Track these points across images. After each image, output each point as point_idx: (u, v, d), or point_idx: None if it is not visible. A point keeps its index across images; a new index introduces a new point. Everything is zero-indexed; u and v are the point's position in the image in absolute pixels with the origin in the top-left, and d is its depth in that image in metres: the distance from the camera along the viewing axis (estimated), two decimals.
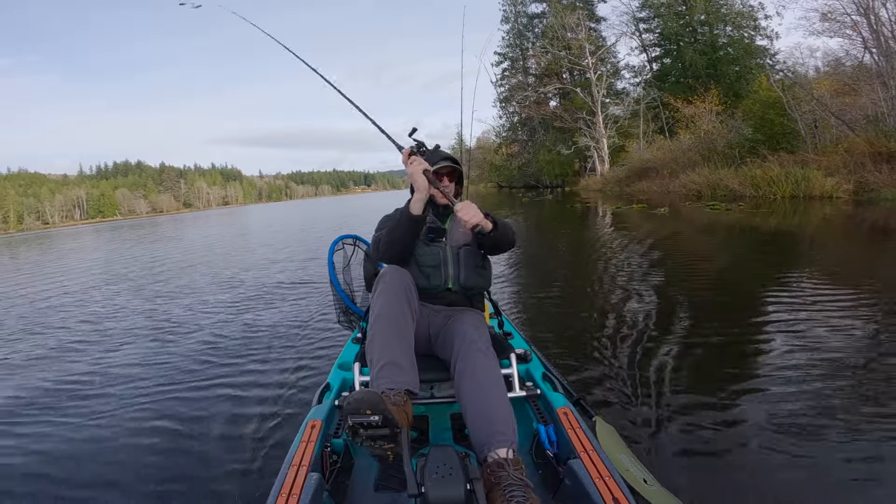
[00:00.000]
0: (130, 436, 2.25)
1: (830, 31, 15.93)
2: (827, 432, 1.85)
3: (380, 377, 1.28)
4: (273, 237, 13.80)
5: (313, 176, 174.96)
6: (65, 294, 6.59)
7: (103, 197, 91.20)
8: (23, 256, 15.67)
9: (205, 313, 4.60)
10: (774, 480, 1.61)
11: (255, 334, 3.69)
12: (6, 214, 75.72)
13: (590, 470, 1.18)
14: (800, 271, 4.73)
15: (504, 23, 30.45)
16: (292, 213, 32.28)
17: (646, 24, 26.59)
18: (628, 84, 27.32)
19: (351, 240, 2.48)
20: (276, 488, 1.16)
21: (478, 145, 40.53)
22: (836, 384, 2.25)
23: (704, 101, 18.20)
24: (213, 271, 7.55)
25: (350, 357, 1.80)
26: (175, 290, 6.05)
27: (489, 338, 1.50)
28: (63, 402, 2.69)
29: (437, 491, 1.07)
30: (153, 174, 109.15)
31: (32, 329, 4.61)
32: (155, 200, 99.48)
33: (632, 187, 18.78)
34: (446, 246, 1.76)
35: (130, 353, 3.54)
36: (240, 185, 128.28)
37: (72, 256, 13.54)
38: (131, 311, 5.00)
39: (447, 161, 1.83)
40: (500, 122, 33.50)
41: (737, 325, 3.15)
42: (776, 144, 14.14)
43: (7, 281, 8.96)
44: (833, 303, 3.49)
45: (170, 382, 2.87)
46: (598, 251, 6.89)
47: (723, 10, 24.00)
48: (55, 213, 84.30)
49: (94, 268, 9.79)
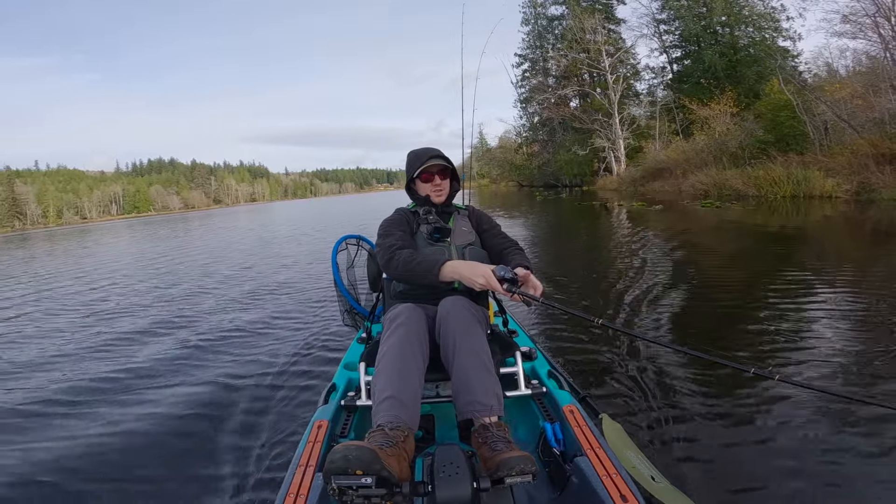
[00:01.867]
0: (131, 433, 2.29)
1: (851, 33, 16.23)
2: (842, 435, 1.83)
3: (380, 410, 1.24)
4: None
5: (337, 173, 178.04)
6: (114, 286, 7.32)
7: (139, 193, 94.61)
8: (91, 245, 17.10)
9: (224, 308, 4.78)
10: (782, 479, 1.61)
11: (266, 331, 3.81)
12: (46, 209, 79.39)
13: (596, 467, 1.19)
14: (798, 269, 4.91)
15: (524, 25, 31.08)
16: (314, 211, 33.02)
17: (666, 25, 26.83)
18: (648, 85, 27.63)
19: (354, 240, 2.49)
20: (283, 489, 1.17)
21: (499, 144, 41.40)
22: (851, 383, 2.27)
23: (720, 103, 18.63)
24: (235, 264, 8.09)
25: (355, 357, 1.79)
26: (196, 287, 6.28)
27: (478, 317, 1.52)
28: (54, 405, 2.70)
29: (444, 490, 1.06)
30: (185, 171, 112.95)
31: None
32: (187, 197, 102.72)
33: (646, 187, 19.31)
34: (451, 245, 1.75)
35: (137, 352, 3.58)
36: (266, 182, 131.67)
37: (131, 248, 14.81)
38: (148, 307, 5.10)
39: (438, 159, 1.80)
40: (521, 122, 34.15)
41: (741, 324, 3.22)
42: (786, 146, 14.57)
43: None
44: (835, 298, 3.64)
45: (172, 380, 2.93)
46: (590, 243, 8.02)
47: (744, 12, 24.09)
48: (93, 208, 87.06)
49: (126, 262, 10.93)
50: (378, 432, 1.15)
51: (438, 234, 1.74)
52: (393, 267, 1.59)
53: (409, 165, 1.85)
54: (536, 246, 8.29)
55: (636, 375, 2.47)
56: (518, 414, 1.75)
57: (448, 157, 1.83)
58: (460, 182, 1.95)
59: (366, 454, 1.00)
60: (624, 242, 7.44)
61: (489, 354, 1.41)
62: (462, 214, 1.90)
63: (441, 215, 1.83)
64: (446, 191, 1.84)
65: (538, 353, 1.87)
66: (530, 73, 31.49)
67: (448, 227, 1.78)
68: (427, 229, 1.76)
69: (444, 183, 1.82)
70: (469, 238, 1.79)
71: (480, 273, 1.41)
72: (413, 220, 1.81)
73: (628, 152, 25.13)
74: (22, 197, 76.56)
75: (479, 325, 1.45)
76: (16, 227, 70.69)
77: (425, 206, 1.83)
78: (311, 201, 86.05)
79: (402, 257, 1.57)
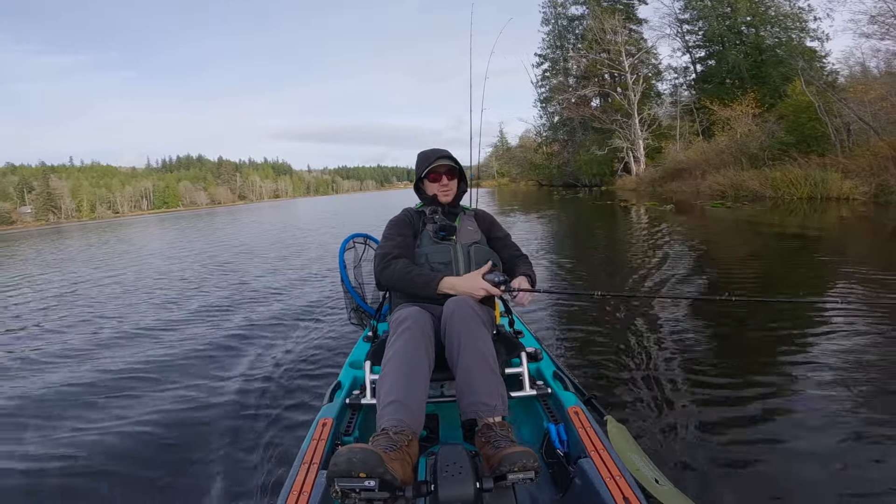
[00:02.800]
0: (131, 431, 2.28)
1: (879, 34, 16.04)
2: (849, 439, 1.82)
3: (385, 414, 1.25)
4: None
5: (358, 171, 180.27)
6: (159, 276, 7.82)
7: (168, 189, 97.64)
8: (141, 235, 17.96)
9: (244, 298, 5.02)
10: (789, 484, 1.60)
11: (271, 328, 3.85)
12: (80, 204, 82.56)
13: (600, 469, 1.19)
14: (796, 266, 5.08)
15: (544, 24, 31.23)
16: (336, 208, 33.57)
17: (689, 25, 26.63)
18: (671, 85, 27.50)
19: (361, 238, 2.48)
20: (287, 486, 1.17)
21: (520, 144, 41.68)
22: (863, 386, 2.24)
23: (742, 103, 18.58)
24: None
25: (361, 355, 1.80)
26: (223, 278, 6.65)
27: (484, 317, 1.51)
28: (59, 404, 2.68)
29: (447, 490, 1.06)
30: (212, 168, 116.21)
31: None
32: (213, 193, 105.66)
33: (664, 187, 19.34)
34: (456, 244, 1.77)
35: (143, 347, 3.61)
36: (290, 178, 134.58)
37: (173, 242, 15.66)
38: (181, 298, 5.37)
39: (445, 160, 1.84)
40: (541, 121, 34.32)
41: (747, 320, 3.24)
42: (808, 147, 14.54)
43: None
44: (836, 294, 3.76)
45: (175, 375, 2.96)
46: (601, 240, 8.44)
47: (770, 13, 23.80)
48: (124, 203, 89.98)
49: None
50: (382, 436, 1.16)
51: (444, 231, 1.78)
52: (388, 276, 1.64)
53: (417, 165, 1.91)
54: (545, 238, 8.77)
55: (642, 377, 2.48)
56: (523, 415, 1.76)
57: (456, 158, 1.89)
58: (467, 183, 2.00)
59: (370, 457, 1.01)
60: (629, 238, 7.89)
61: (494, 355, 1.43)
62: (468, 215, 1.96)
63: (447, 215, 1.87)
64: (453, 191, 1.90)
65: (544, 353, 1.88)
66: (550, 73, 31.64)
67: (454, 226, 1.82)
68: (433, 228, 1.80)
69: (451, 183, 1.88)
70: (475, 237, 1.83)
71: (479, 287, 1.54)
72: (419, 220, 1.87)
73: (648, 152, 25.11)
74: (57, 192, 79.71)
75: (483, 326, 1.47)
76: (50, 221, 73.66)
77: (432, 206, 1.88)
78: (332, 198, 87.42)
79: (398, 267, 1.63)
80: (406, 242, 1.76)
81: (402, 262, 1.65)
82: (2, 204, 74.50)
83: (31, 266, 10.90)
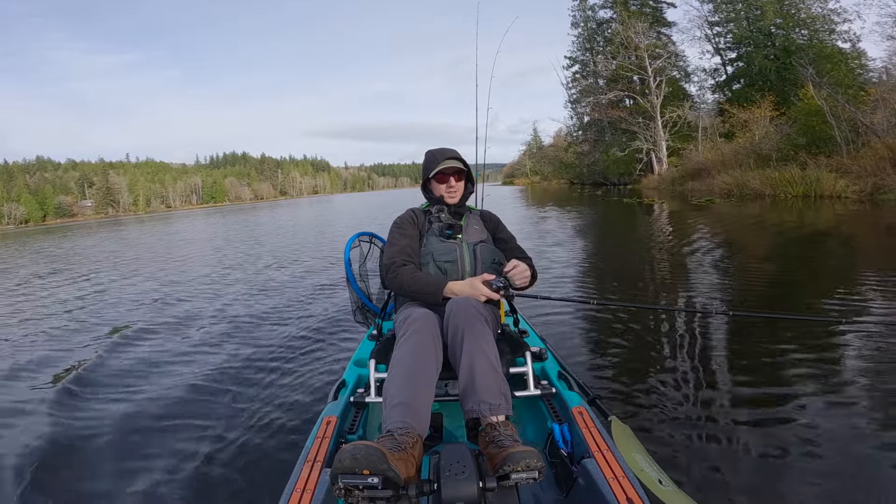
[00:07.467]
0: (135, 425, 2.30)
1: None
2: (858, 443, 1.81)
3: (390, 416, 1.24)
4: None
5: (393, 168, 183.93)
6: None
7: (215, 184, 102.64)
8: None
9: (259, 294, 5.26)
10: (793, 489, 1.59)
11: (275, 328, 3.91)
12: (136, 198, 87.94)
13: (604, 470, 1.18)
14: (795, 265, 5.21)
15: (573, 27, 32.18)
16: (375, 201, 34.33)
17: (719, 27, 27.01)
18: (699, 87, 28.05)
19: (367, 237, 2.51)
20: (290, 484, 1.17)
21: (553, 142, 42.90)
22: (869, 392, 2.21)
23: (760, 107, 19.37)
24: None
25: (366, 354, 1.76)
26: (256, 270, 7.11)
27: (487, 316, 1.51)
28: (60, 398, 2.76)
29: (450, 489, 1.05)
30: (255, 164, 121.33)
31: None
32: (257, 188, 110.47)
33: (683, 186, 20.31)
34: (462, 242, 1.77)
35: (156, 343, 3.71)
36: (328, 175, 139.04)
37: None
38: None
39: (454, 161, 1.82)
40: (572, 122, 35.41)
41: (752, 328, 3.19)
42: (816, 149, 15.34)
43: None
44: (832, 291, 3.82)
45: (180, 367, 3.04)
46: (605, 237, 9.78)
47: (801, 15, 23.94)
48: (176, 197, 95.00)
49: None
50: (387, 437, 1.17)
51: (450, 230, 1.79)
52: (397, 284, 1.66)
53: (425, 166, 1.90)
54: (548, 221, 10.22)
55: (647, 378, 2.48)
56: (527, 414, 1.76)
57: (464, 160, 1.87)
58: (474, 184, 2.00)
59: (374, 454, 1.02)
60: (620, 232, 9.32)
61: (496, 354, 1.43)
62: (474, 214, 1.98)
63: (453, 215, 1.87)
64: (460, 192, 1.89)
65: (549, 353, 1.85)
66: (580, 75, 32.68)
67: (459, 224, 1.83)
68: (439, 226, 1.81)
69: (458, 185, 1.87)
70: (481, 236, 1.84)
71: (481, 293, 1.53)
72: (424, 219, 1.88)
73: (670, 153, 25.88)
74: (115, 186, 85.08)
75: (486, 325, 1.46)
76: (109, 214, 79.09)
77: (438, 206, 1.88)
78: (368, 194, 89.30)
79: (404, 277, 1.64)
80: (411, 245, 1.78)
81: (408, 271, 1.67)
82: (64, 198, 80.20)
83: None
